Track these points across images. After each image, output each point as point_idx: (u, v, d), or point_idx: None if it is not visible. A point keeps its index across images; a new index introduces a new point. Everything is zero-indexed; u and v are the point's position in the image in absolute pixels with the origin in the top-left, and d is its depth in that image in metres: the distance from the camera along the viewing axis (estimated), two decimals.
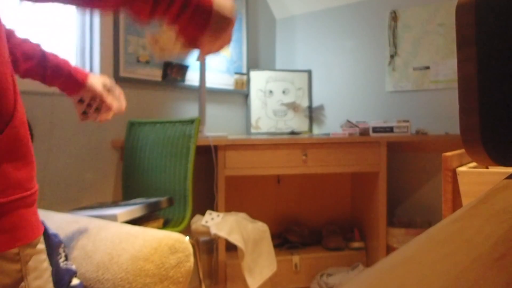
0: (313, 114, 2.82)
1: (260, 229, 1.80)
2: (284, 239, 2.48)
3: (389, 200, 2.55)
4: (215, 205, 2.12)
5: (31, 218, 0.64)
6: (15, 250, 0.61)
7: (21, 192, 0.62)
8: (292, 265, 2.29)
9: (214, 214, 1.77)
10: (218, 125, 2.60)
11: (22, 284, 0.62)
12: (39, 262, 0.66)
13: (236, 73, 2.68)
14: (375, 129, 2.28)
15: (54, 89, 0.99)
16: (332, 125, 2.78)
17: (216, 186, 2.09)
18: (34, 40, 0.93)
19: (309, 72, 2.82)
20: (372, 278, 0.17)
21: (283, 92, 2.77)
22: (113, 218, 1.33)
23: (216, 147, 2.05)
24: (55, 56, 0.95)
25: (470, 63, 0.39)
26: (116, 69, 2.02)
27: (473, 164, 0.88)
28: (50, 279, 0.70)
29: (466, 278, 0.17)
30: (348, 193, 2.71)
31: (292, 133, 2.69)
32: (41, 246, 0.66)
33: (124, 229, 0.99)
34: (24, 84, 1.32)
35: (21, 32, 0.92)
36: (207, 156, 2.27)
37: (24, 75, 0.93)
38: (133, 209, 1.41)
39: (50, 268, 0.71)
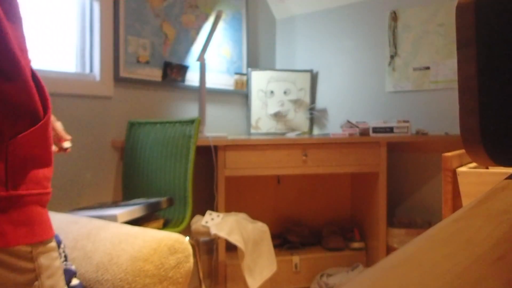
0: (314, 116, 2.82)
1: (260, 229, 1.80)
2: (284, 239, 2.48)
3: (389, 200, 2.55)
4: (215, 205, 2.12)
5: (46, 217, 0.66)
6: (27, 248, 0.62)
7: (40, 189, 0.65)
8: (292, 265, 2.28)
9: (214, 214, 1.77)
10: (218, 126, 2.60)
11: (36, 283, 0.63)
12: (52, 260, 0.67)
13: (236, 73, 2.69)
14: (375, 129, 2.28)
15: (54, 90, 0.99)
16: (332, 125, 2.78)
17: (216, 186, 2.09)
18: None
19: (311, 72, 2.82)
20: (372, 278, 0.17)
21: (285, 92, 2.77)
22: (113, 218, 1.33)
23: (216, 147, 2.05)
24: None
25: (470, 63, 0.39)
26: (116, 69, 2.02)
27: (473, 164, 0.88)
28: (63, 277, 0.71)
29: (466, 278, 0.17)
30: (348, 193, 2.71)
31: (292, 130, 2.69)
32: (53, 244, 0.68)
33: (124, 229, 0.99)
34: None
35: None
36: (207, 156, 2.27)
37: None
38: (133, 210, 1.41)
39: (62, 266, 0.72)
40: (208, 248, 2.31)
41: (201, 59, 2.25)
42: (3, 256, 0.59)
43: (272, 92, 2.75)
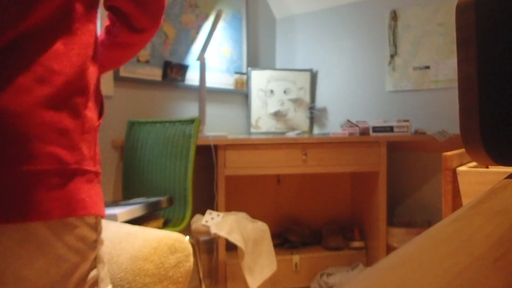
0: (314, 115, 2.82)
1: (260, 229, 1.80)
2: (284, 239, 2.48)
3: (389, 199, 2.55)
4: (215, 205, 2.12)
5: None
6: (94, 220, 0.66)
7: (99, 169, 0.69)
8: (292, 265, 2.29)
9: (214, 213, 1.77)
10: (218, 125, 2.60)
11: (94, 271, 0.66)
12: (103, 253, 0.70)
13: (236, 72, 2.68)
14: (375, 129, 2.28)
15: None
16: (332, 125, 2.78)
17: (216, 185, 2.09)
18: None
19: (311, 71, 2.82)
20: (372, 278, 0.17)
21: (284, 92, 2.77)
22: (113, 217, 1.33)
23: (216, 146, 2.05)
24: None
25: (470, 63, 0.39)
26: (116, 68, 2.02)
27: (473, 163, 0.88)
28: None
29: (466, 278, 0.17)
30: (348, 192, 2.71)
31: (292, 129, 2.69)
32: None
33: (124, 228, 0.99)
34: None
35: None
36: (207, 155, 2.28)
37: None
38: (133, 209, 1.41)
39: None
40: (208, 248, 2.32)
41: (201, 58, 2.25)
42: (79, 222, 0.63)
43: (272, 91, 2.75)
